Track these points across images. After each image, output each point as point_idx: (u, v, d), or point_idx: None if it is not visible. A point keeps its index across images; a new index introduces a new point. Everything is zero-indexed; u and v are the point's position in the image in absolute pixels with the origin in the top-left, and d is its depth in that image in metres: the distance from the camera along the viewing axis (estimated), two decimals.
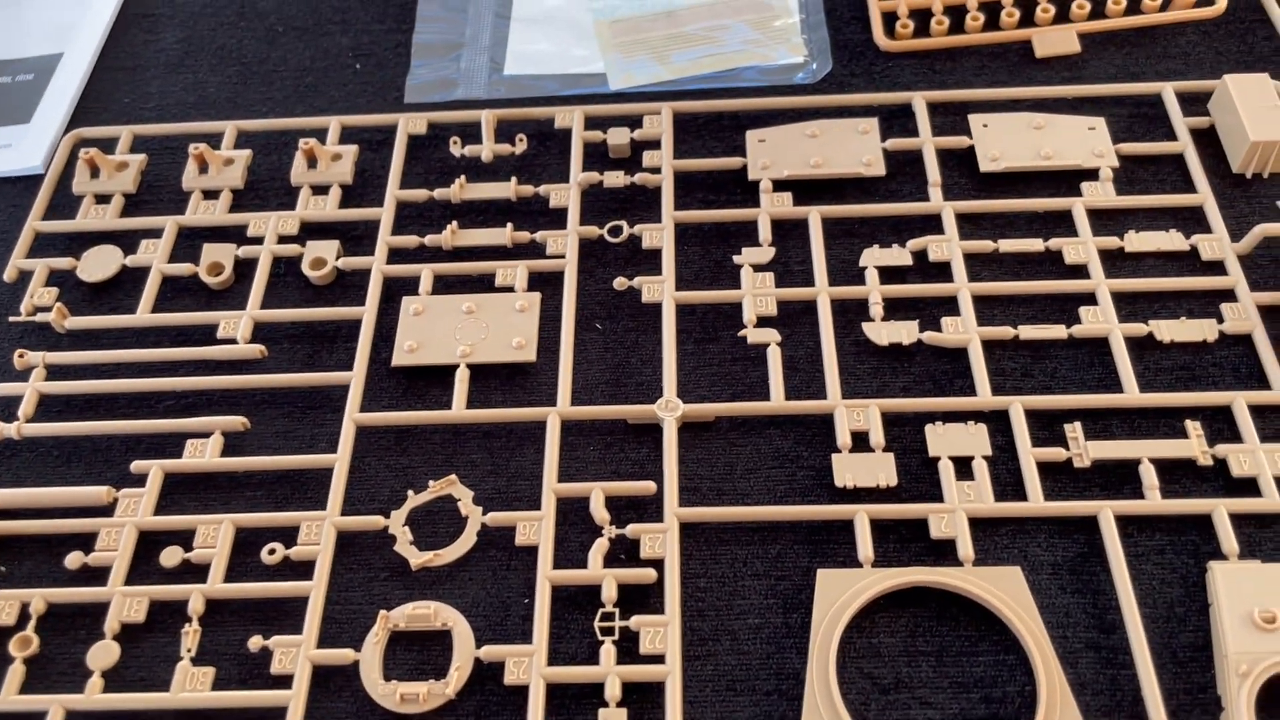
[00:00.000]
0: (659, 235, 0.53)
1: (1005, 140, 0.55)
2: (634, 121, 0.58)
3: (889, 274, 0.52)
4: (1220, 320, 0.49)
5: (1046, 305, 0.50)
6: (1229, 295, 0.50)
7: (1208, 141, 0.55)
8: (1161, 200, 0.53)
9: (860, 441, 0.46)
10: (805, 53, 0.62)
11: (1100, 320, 0.49)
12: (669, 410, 0.47)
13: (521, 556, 0.44)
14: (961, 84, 0.59)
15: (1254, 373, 0.47)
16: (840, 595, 0.42)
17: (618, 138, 0.57)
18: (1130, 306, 0.50)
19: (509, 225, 0.54)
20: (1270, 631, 0.39)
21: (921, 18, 0.62)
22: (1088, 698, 0.39)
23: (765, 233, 0.53)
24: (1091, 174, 0.54)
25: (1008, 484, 0.45)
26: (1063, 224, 0.53)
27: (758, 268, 0.52)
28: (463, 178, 0.56)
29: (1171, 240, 0.51)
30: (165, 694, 0.41)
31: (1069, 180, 0.54)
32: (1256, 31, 0.60)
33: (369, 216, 0.55)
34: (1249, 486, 0.44)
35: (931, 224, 0.53)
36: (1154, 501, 0.44)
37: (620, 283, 0.52)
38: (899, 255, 0.52)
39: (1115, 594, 0.41)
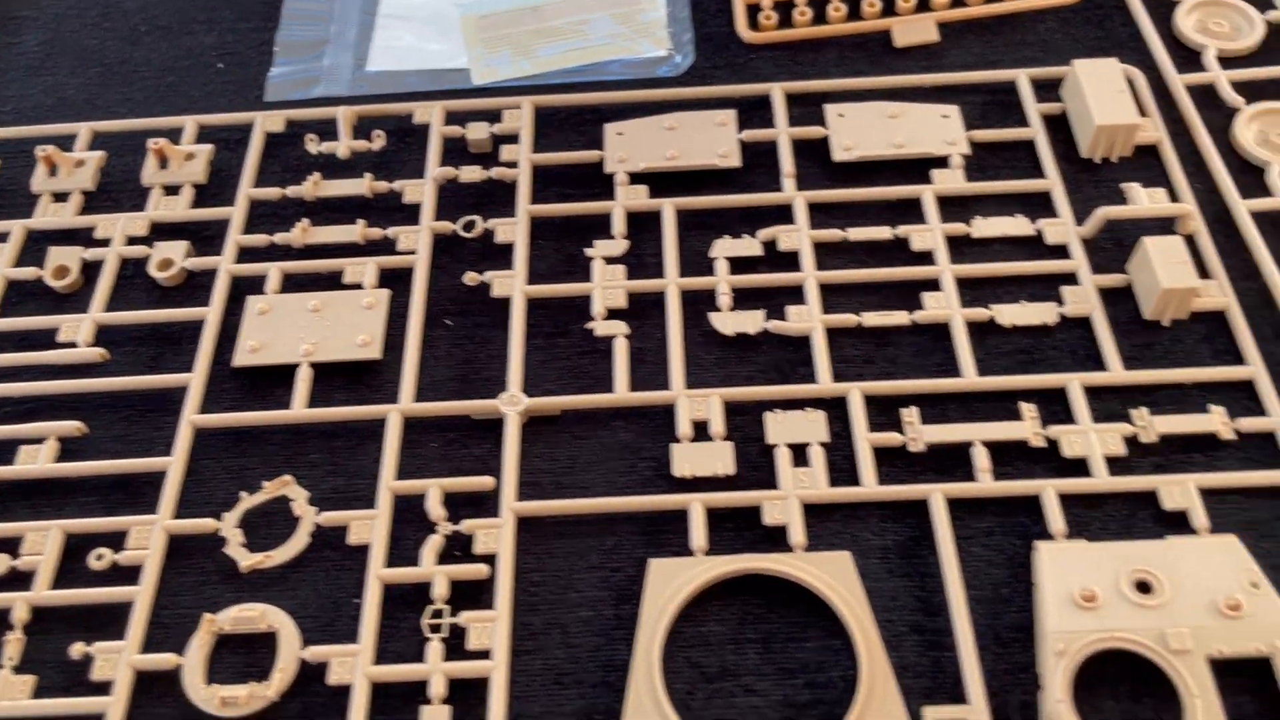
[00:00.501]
0: (512, 229, 0.53)
1: (860, 130, 0.56)
2: (495, 116, 0.58)
3: (740, 264, 0.52)
4: (1061, 303, 0.49)
5: (892, 292, 0.50)
6: (1071, 279, 0.50)
7: (1061, 127, 0.56)
8: (1010, 186, 0.53)
9: (701, 431, 0.46)
10: (669, 46, 0.62)
11: (943, 306, 0.49)
12: (512, 404, 0.47)
13: (355, 556, 0.44)
14: (822, 74, 0.59)
15: (1091, 355, 0.48)
16: (671, 585, 0.42)
17: (477, 133, 0.57)
18: (975, 292, 0.50)
19: (360, 222, 0.53)
20: (1089, 610, 0.40)
21: (785, 9, 0.62)
22: (910, 680, 0.40)
23: (619, 226, 0.53)
24: (942, 161, 0.54)
25: (843, 470, 0.45)
26: (914, 212, 0.53)
27: (610, 260, 0.52)
28: (317, 175, 0.56)
29: (1018, 225, 0.52)
30: None
31: (921, 168, 0.54)
32: (1114, 18, 0.61)
33: (220, 216, 0.55)
34: (1079, 467, 0.44)
35: (785, 214, 0.53)
36: (984, 484, 0.44)
37: (471, 278, 0.52)
38: (749, 245, 0.52)
39: (942, 577, 0.42)
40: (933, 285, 0.50)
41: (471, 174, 0.55)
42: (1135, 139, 0.54)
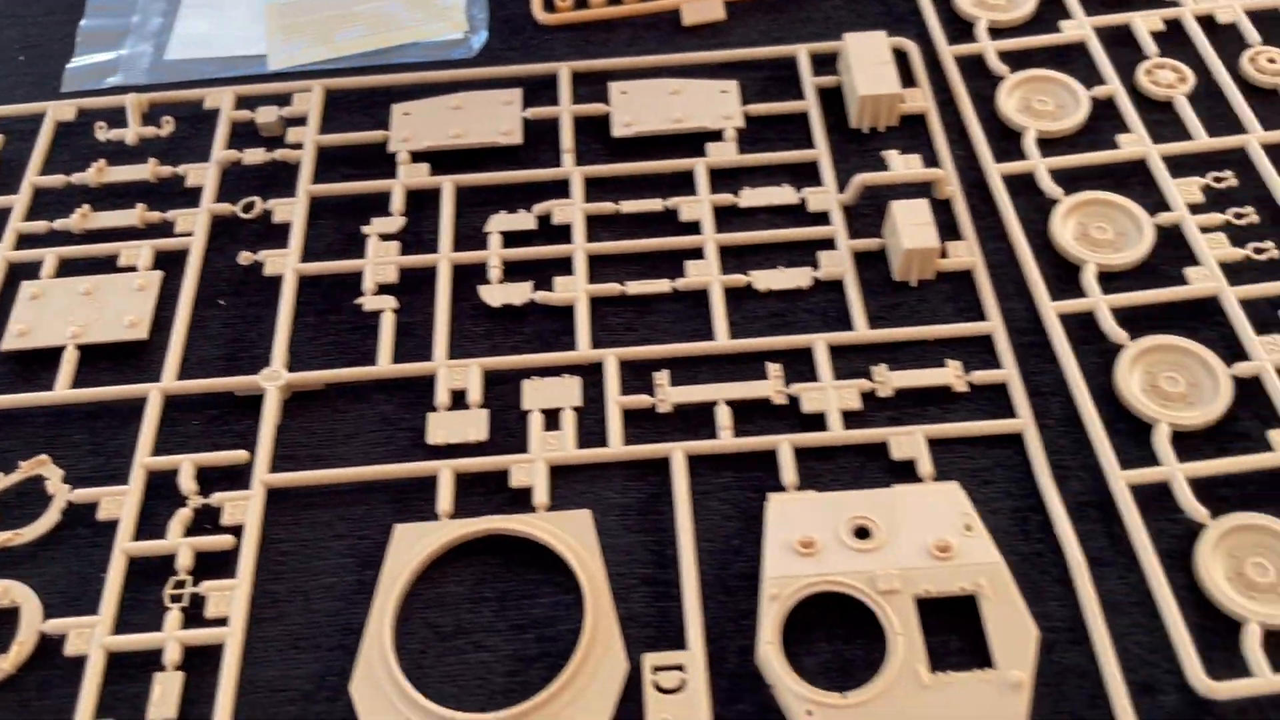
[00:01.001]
0: (290, 210, 0.54)
1: (641, 106, 0.57)
2: (286, 100, 0.58)
3: (515, 239, 0.53)
4: (816, 267, 0.51)
5: (659, 261, 0.52)
6: (830, 244, 0.51)
7: (837, 100, 0.57)
8: (780, 157, 0.55)
9: (460, 400, 0.47)
10: (466, 28, 0.63)
11: (704, 273, 0.50)
12: (272, 380, 0.48)
13: (105, 532, 0.44)
14: (614, 54, 0.61)
15: (841, 316, 0.49)
16: (413, 548, 0.42)
17: (266, 116, 0.57)
18: (738, 259, 0.51)
19: (140, 206, 0.54)
20: (807, 556, 0.41)
21: None
22: (636, 629, 0.41)
23: (398, 203, 0.54)
24: (717, 135, 0.56)
25: (595, 433, 0.46)
26: (689, 184, 0.54)
27: (386, 237, 0.53)
28: (102, 161, 0.56)
29: (783, 194, 0.53)
30: None
31: (698, 142, 0.56)
32: None
33: (2, 205, 0.55)
34: (818, 422, 0.46)
35: (563, 189, 0.54)
36: (724, 441, 0.45)
37: (244, 257, 0.52)
38: (523, 220, 0.53)
39: (676, 531, 0.43)
40: (696, 253, 0.51)
41: (255, 156, 0.56)
42: (900, 108, 0.56)
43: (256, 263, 0.52)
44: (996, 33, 0.59)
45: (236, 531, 0.44)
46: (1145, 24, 0.58)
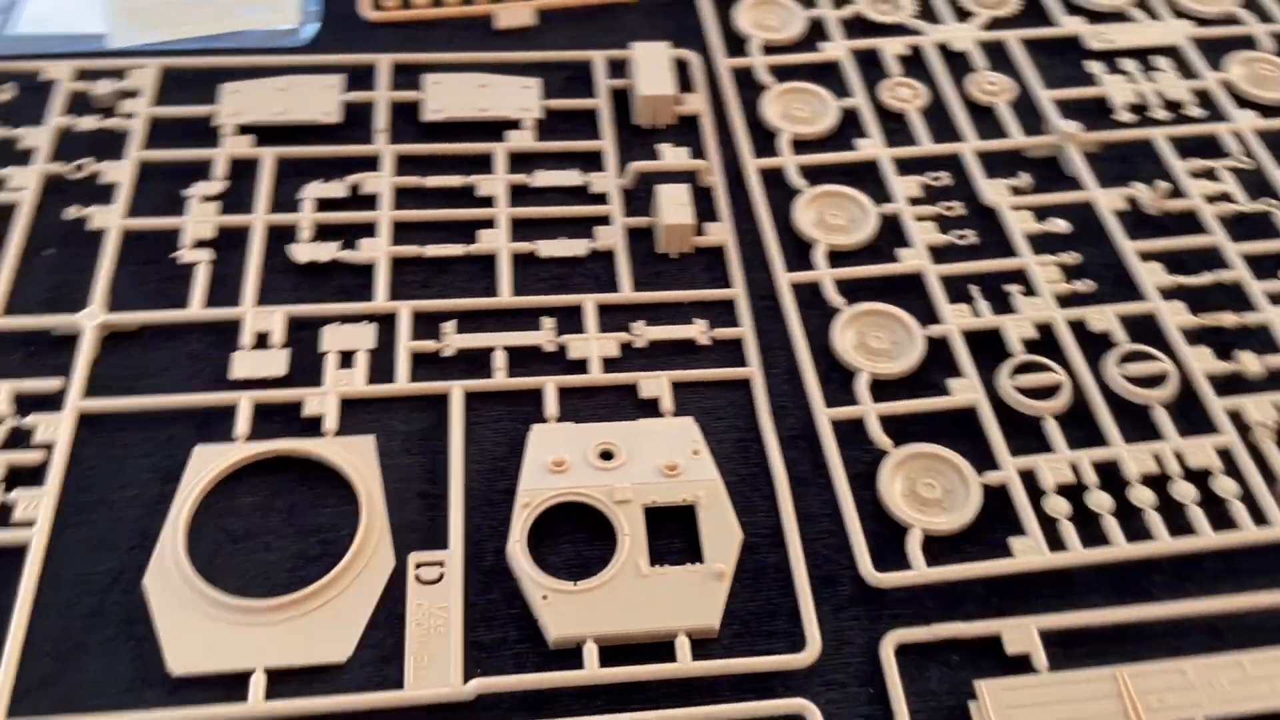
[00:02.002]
0: (119, 171, 0.59)
1: (451, 96, 0.64)
2: (122, 75, 0.63)
3: (327, 205, 0.59)
4: (593, 239, 0.58)
5: (456, 230, 0.58)
6: (606, 220, 0.59)
7: (626, 100, 0.65)
8: (570, 146, 0.62)
9: (264, 342, 0.53)
10: (299, 19, 0.69)
11: (494, 241, 0.57)
12: (90, 319, 0.52)
13: None
14: (432, 50, 0.67)
15: (611, 281, 0.56)
16: (210, 465, 0.48)
17: (102, 88, 0.62)
18: (526, 231, 0.58)
19: None
20: (558, 474, 0.48)
21: None
22: (407, 534, 0.47)
23: (221, 170, 0.59)
24: (516, 124, 0.63)
25: (384, 372, 0.52)
26: (488, 166, 0.61)
27: (207, 199, 0.58)
28: None
29: (569, 177, 0.61)
30: None
31: (500, 129, 0.63)
32: (689, 12, 0.71)
33: None
34: (581, 367, 0.53)
35: (375, 164, 0.60)
36: (499, 380, 0.52)
37: (72, 211, 0.57)
38: (336, 189, 0.59)
39: (449, 454, 0.49)
40: (490, 225, 0.58)
41: (89, 124, 0.61)
42: (677, 110, 0.64)
43: (81, 217, 0.57)
44: (768, 49, 0.68)
45: (47, 448, 0.48)
46: (891, 49, 0.67)
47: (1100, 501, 0.48)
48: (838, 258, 0.58)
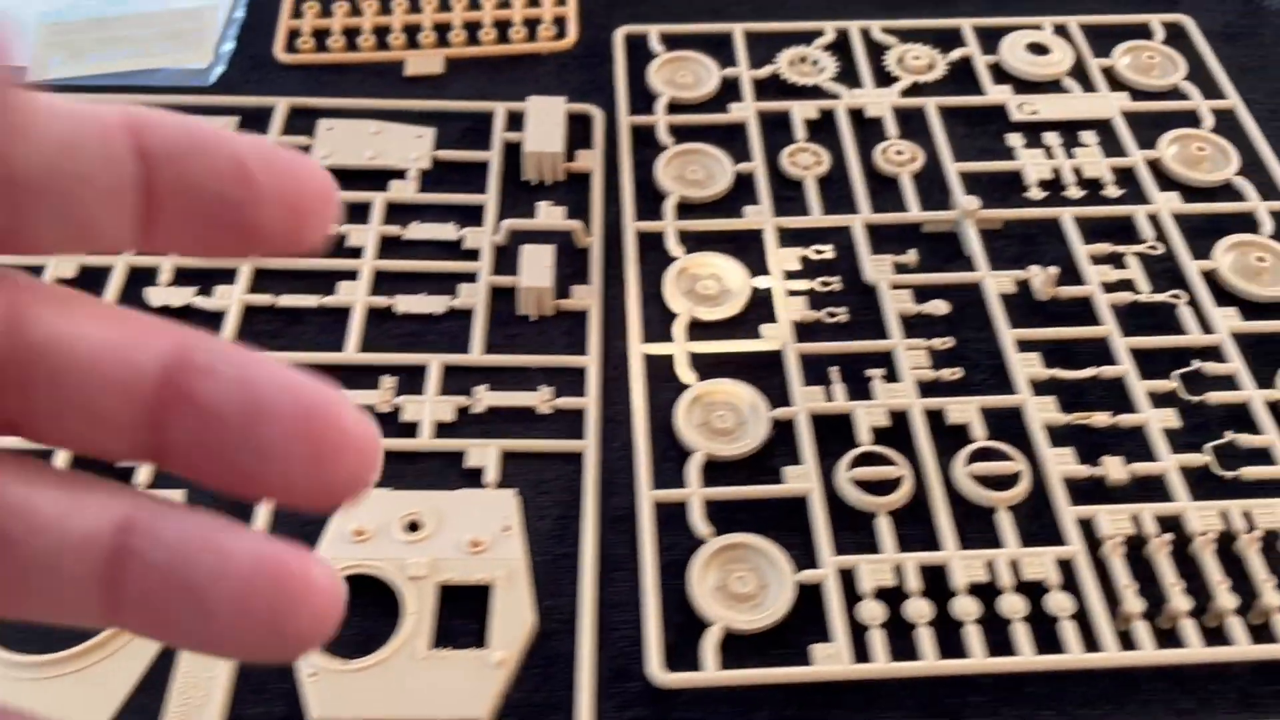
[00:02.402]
0: None
1: (342, 142, 0.63)
2: None
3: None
4: (455, 296, 0.57)
5: (317, 279, 0.57)
6: (473, 277, 0.58)
7: (519, 154, 0.64)
8: (453, 198, 0.61)
9: None
10: (211, 59, 0.69)
11: (351, 293, 0.56)
12: None
13: None
14: (342, 94, 0.67)
15: (465, 341, 0.55)
16: None
17: None
18: (390, 284, 0.57)
19: None
20: (359, 543, 0.46)
21: (322, 36, 0.70)
22: None
23: None
24: (402, 174, 0.62)
25: None
26: (366, 216, 0.60)
27: None
28: None
29: (445, 231, 0.59)
30: None
31: (386, 178, 0.62)
32: (604, 66, 0.69)
33: None
34: (412, 430, 0.51)
35: None
36: None
37: None
38: None
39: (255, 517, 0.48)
40: (350, 275, 0.57)
41: None
42: (568, 166, 0.62)
43: None
44: (675, 108, 0.66)
45: None
46: (802, 112, 0.65)
47: (918, 611, 0.45)
48: (702, 329, 0.55)
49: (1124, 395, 0.53)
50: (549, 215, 0.59)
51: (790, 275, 0.57)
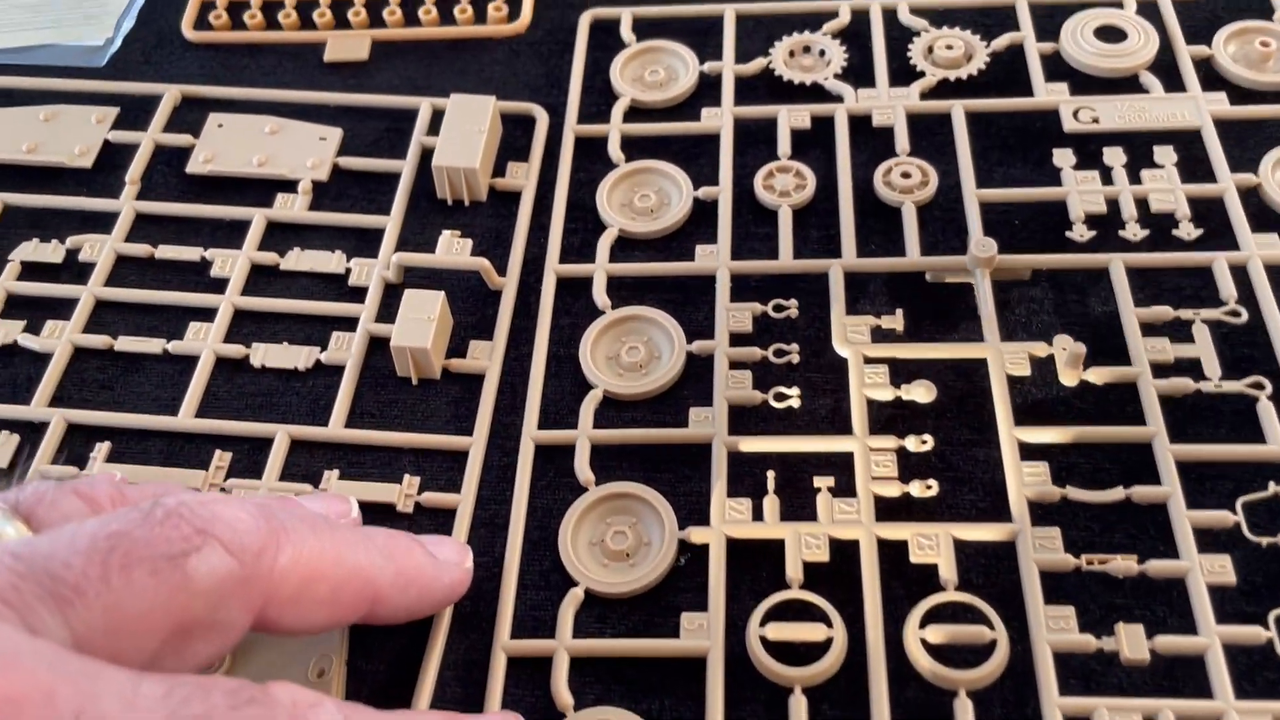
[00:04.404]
0: None
1: (230, 143, 0.53)
2: None
3: (38, 271, 0.49)
4: (324, 348, 0.46)
5: (170, 315, 0.48)
6: (353, 323, 0.47)
7: None
8: (347, 219, 0.50)
9: None
10: (110, 35, 0.59)
11: (201, 338, 0.46)
12: None
13: None
14: (250, 81, 0.57)
15: (328, 406, 0.45)
16: None
17: None
18: (256, 325, 0.47)
19: None
20: None
21: (239, 10, 0.59)
22: None
23: None
24: (294, 186, 0.52)
25: None
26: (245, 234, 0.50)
27: None
28: None
29: (329, 261, 0.49)
30: None
31: (274, 190, 0.52)
32: (563, 56, 0.57)
33: None
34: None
35: (113, 222, 0.51)
36: None
37: None
38: (54, 251, 0.49)
39: None
40: (208, 314, 0.47)
41: None
42: (492, 182, 0.51)
43: None
44: (639, 113, 0.54)
45: None
46: (789, 119, 0.52)
47: None
48: (617, 410, 0.44)
49: (1162, 531, 0.39)
50: (452, 249, 0.48)
51: (736, 340, 0.45)
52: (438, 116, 0.53)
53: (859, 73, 0.55)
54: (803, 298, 0.46)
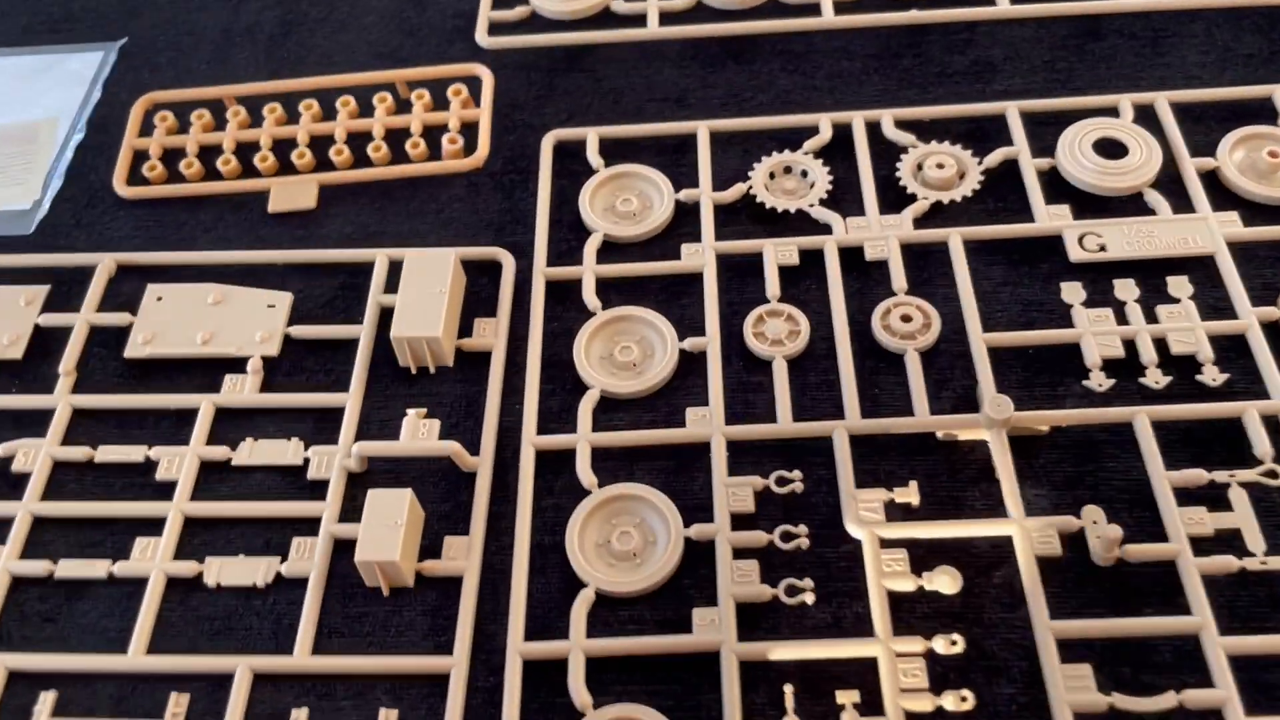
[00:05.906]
0: None
1: (171, 318, 0.49)
2: None
3: None
4: (285, 558, 0.42)
5: (119, 529, 0.43)
6: (315, 525, 0.43)
7: None
8: (303, 400, 0.46)
9: None
10: (38, 197, 0.55)
11: (149, 556, 0.42)
12: None
13: None
14: (190, 239, 0.53)
15: (292, 628, 0.40)
16: None
17: None
18: (210, 534, 0.43)
19: None
20: None
21: (175, 159, 0.55)
22: None
23: None
24: (242, 365, 0.47)
25: None
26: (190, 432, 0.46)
27: None
28: None
29: (284, 452, 0.45)
30: None
31: (223, 369, 0.47)
32: (526, 186, 0.53)
33: None
34: None
35: (46, 420, 0.46)
36: None
37: None
38: None
39: None
40: (157, 529, 0.43)
41: None
42: (459, 343, 0.47)
43: None
44: (613, 249, 0.50)
45: None
46: (778, 254, 0.48)
47: None
48: (609, 608, 0.40)
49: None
50: (418, 433, 0.44)
51: (739, 523, 0.41)
52: (395, 268, 0.49)
53: (845, 196, 0.51)
54: (807, 468, 0.42)
